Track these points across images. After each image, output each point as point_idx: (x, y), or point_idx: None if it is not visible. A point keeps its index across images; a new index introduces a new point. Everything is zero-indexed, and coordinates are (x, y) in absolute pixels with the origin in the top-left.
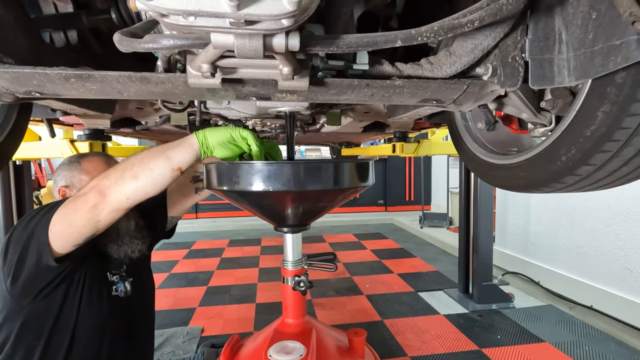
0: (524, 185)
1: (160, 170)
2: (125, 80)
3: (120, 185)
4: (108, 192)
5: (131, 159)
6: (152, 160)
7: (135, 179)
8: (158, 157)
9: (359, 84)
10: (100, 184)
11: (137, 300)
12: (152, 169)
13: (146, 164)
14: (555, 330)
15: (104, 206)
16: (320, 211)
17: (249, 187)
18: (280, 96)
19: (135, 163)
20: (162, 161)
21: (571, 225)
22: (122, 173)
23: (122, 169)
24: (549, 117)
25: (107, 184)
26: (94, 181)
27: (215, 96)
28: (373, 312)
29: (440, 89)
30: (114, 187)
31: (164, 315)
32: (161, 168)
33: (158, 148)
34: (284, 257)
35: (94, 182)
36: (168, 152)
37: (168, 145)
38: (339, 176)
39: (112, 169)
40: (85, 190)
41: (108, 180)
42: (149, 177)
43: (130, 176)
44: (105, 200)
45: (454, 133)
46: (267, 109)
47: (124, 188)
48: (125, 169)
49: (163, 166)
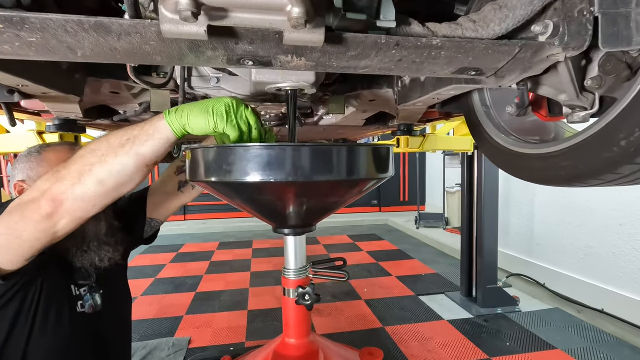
0: (565, 177)
1: (129, 171)
2: (76, 28)
3: (81, 191)
4: (65, 198)
5: (88, 156)
6: (117, 158)
7: (101, 184)
8: (124, 154)
9: (386, 43)
10: (53, 189)
11: (109, 315)
12: (119, 171)
13: (110, 164)
14: (566, 335)
15: (61, 215)
16: (330, 209)
17: (244, 177)
18: (285, 60)
19: (94, 163)
20: (131, 159)
21: (580, 225)
22: (80, 176)
23: (78, 170)
24: (592, 98)
25: (61, 189)
26: (45, 182)
27: (200, 58)
28: (373, 318)
29: (486, 53)
30: (71, 193)
31: (147, 325)
32: (131, 167)
33: (121, 138)
34: (285, 265)
35: (44, 184)
36: (137, 147)
37: (133, 133)
38: (356, 163)
39: (64, 167)
40: (35, 193)
41: (62, 184)
42: (117, 178)
43: (92, 180)
44: (62, 208)
45: (472, 122)
46: (264, 86)
47: (86, 194)
48: (83, 171)
49: (133, 165)
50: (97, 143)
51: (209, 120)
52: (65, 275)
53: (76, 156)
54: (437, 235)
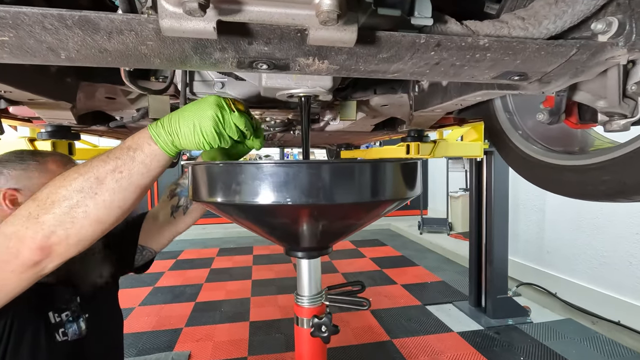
0: (606, 192)
1: (121, 201)
2: (56, 24)
3: (77, 236)
4: (56, 245)
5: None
6: (106, 190)
7: (98, 222)
8: (113, 184)
9: (426, 43)
10: (38, 238)
11: (96, 340)
12: (112, 201)
13: (100, 197)
14: (581, 348)
15: (51, 260)
16: (351, 229)
17: (256, 198)
18: (305, 63)
19: (86, 195)
20: (123, 191)
21: (593, 233)
22: (72, 213)
23: (68, 206)
24: (632, 105)
25: (53, 239)
26: (20, 225)
27: (206, 61)
28: (380, 330)
29: (537, 55)
30: (65, 238)
31: (145, 338)
32: (122, 197)
33: (108, 164)
34: (298, 291)
35: (23, 230)
36: (131, 178)
37: (120, 158)
38: (384, 183)
39: (45, 210)
40: (11, 242)
41: (48, 226)
42: (110, 211)
43: (84, 219)
44: (53, 254)
45: (494, 129)
46: (275, 92)
47: (84, 236)
48: (72, 206)
49: (125, 194)
50: (86, 170)
51: (200, 142)
52: (43, 301)
53: (59, 195)
54: (441, 241)
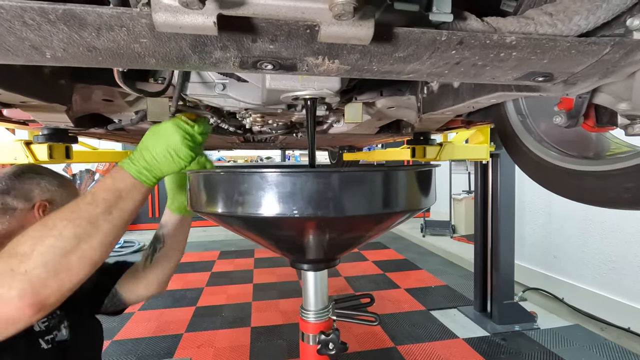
0: (630, 200)
1: (114, 238)
2: (38, 19)
3: (68, 281)
4: (49, 297)
5: (65, 236)
6: (101, 232)
7: (94, 264)
8: (107, 224)
9: (447, 40)
10: (28, 294)
11: (80, 346)
12: (106, 241)
13: (95, 239)
14: (590, 355)
15: (45, 310)
16: (361, 240)
17: (261, 210)
18: (314, 63)
19: (82, 241)
20: (116, 229)
21: (601, 237)
22: (66, 261)
23: (61, 254)
24: None
25: (36, 288)
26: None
27: (206, 60)
28: (384, 336)
29: (567, 54)
30: (57, 289)
31: (144, 345)
32: (115, 234)
33: (98, 207)
34: (304, 304)
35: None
36: (123, 216)
37: (108, 199)
38: (398, 193)
39: (32, 255)
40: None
41: (38, 279)
42: (105, 250)
43: (79, 265)
44: (44, 309)
45: (505, 132)
46: (279, 94)
47: (72, 281)
48: (66, 254)
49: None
50: (74, 225)
51: (181, 164)
52: None
53: (47, 245)
54: (444, 244)
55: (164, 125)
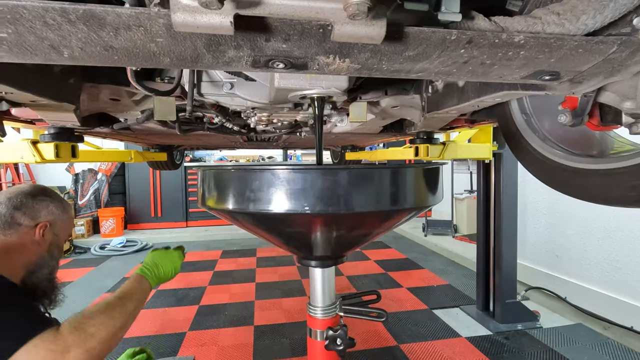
0: (636, 198)
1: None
2: (59, 19)
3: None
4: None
5: (117, 326)
6: (132, 319)
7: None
8: (134, 316)
9: (457, 40)
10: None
11: None
12: (129, 324)
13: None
14: (593, 355)
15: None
16: (371, 237)
17: (271, 207)
18: (325, 62)
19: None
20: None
21: (604, 237)
22: (109, 346)
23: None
24: None
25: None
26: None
27: (219, 60)
28: (387, 335)
29: (575, 53)
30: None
31: (148, 343)
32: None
33: (132, 304)
34: (311, 301)
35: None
36: (139, 308)
37: (137, 299)
38: (406, 190)
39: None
40: None
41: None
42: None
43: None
44: None
45: (510, 131)
46: (287, 93)
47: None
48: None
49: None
50: (123, 319)
51: (173, 276)
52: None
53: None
54: (446, 243)
55: (174, 253)
